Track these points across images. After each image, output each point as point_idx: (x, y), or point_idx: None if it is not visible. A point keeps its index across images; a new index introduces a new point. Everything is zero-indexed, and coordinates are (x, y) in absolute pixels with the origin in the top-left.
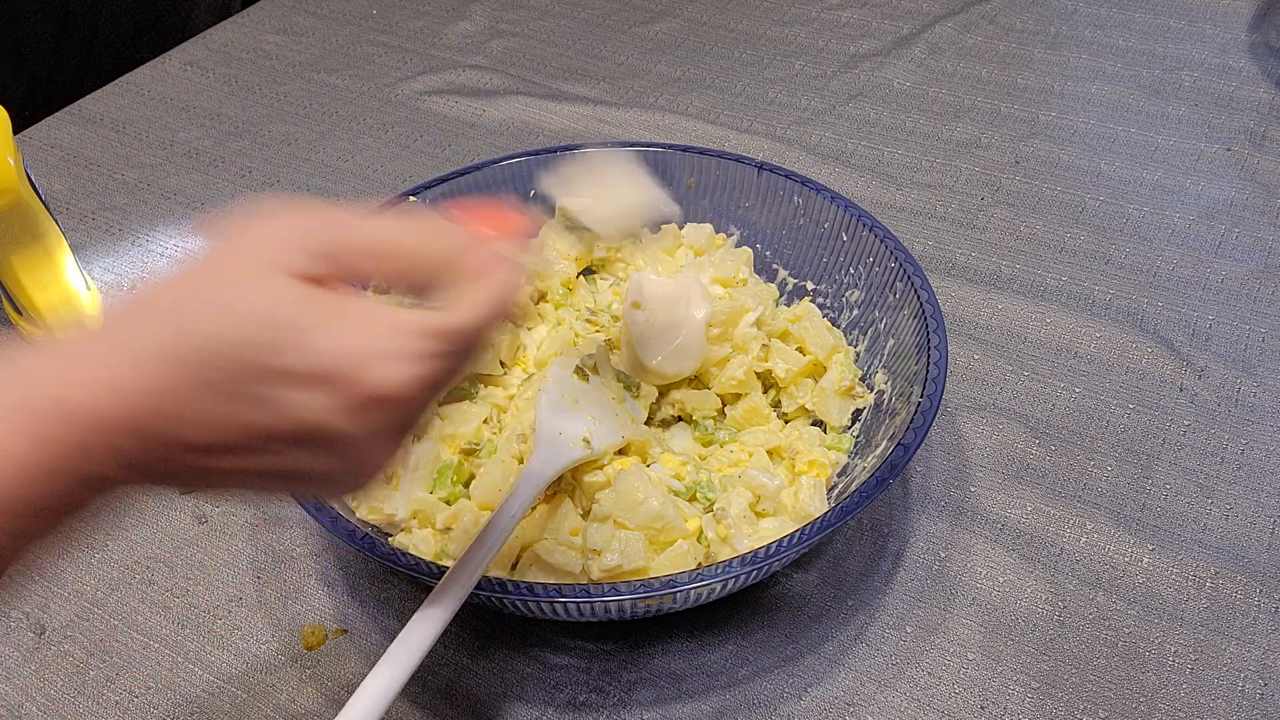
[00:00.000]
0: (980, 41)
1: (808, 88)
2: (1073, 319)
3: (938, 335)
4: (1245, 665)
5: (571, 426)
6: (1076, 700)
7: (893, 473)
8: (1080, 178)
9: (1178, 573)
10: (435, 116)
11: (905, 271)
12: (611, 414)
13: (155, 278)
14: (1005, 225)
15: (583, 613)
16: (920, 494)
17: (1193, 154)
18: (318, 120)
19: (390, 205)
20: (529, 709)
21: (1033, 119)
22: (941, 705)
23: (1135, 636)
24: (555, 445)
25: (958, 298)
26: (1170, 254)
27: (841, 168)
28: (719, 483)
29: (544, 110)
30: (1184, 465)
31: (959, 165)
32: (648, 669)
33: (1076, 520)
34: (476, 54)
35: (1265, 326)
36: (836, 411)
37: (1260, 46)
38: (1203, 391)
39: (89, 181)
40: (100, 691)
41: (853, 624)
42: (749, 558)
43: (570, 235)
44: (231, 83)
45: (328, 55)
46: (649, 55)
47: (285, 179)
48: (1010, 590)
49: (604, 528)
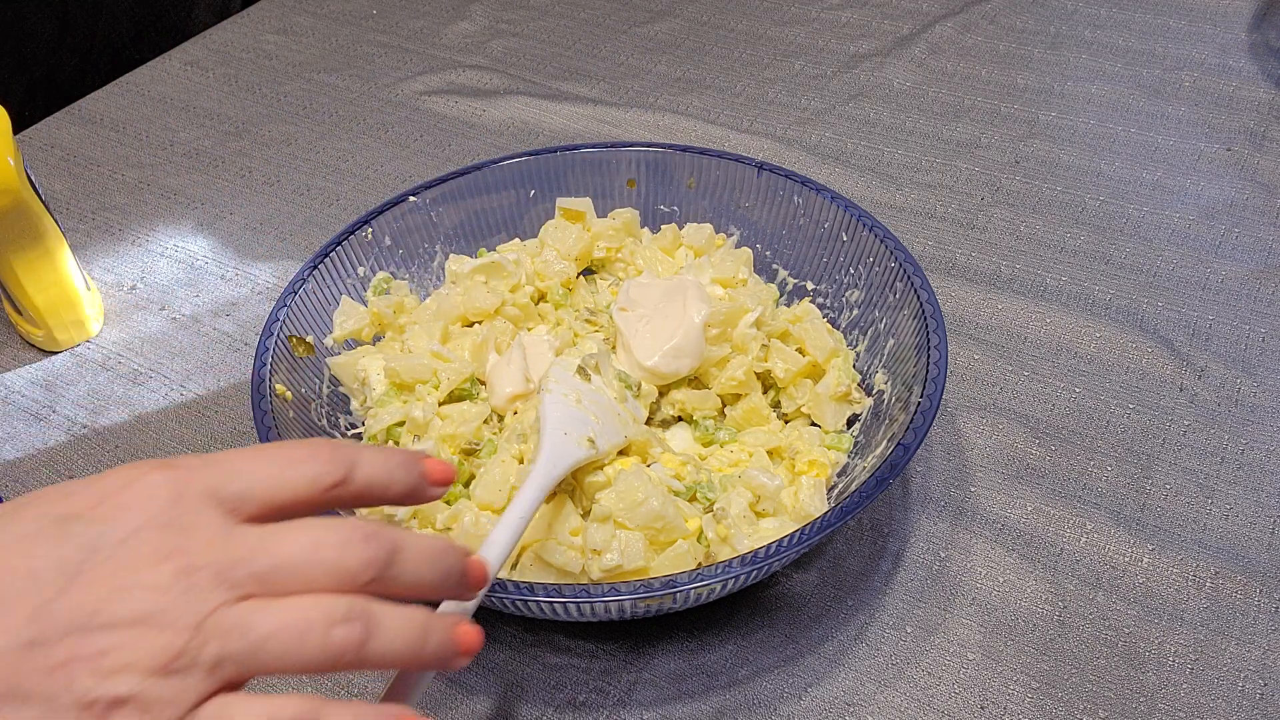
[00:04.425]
0: (980, 41)
1: (808, 88)
2: (1073, 319)
3: (938, 335)
4: (1245, 665)
5: (576, 426)
6: (1076, 700)
7: (893, 473)
8: (1080, 178)
9: (1178, 573)
10: (435, 116)
11: (905, 271)
12: (613, 414)
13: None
14: (1005, 225)
15: (583, 613)
16: (920, 494)
17: (1193, 154)
18: (318, 120)
19: (390, 205)
20: (529, 709)
21: (1033, 119)
22: (941, 705)
23: (1135, 636)
24: (561, 445)
25: (958, 298)
26: (1170, 254)
27: (841, 168)
28: (719, 483)
29: (544, 110)
30: (1184, 465)
31: (959, 165)
32: (648, 669)
33: (1076, 520)
34: (476, 54)
35: (1265, 326)
36: (831, 416)
37: (1260, 46)
38: (1203, 391)
39: (89, 181)
40: None
41: (853, 624)
42: (749, 558)
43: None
44: (231, 83)
45: (328, 55)
46: (649, 55)
47: (285, 179)
48: (1010, 590)
49: (604, 528)
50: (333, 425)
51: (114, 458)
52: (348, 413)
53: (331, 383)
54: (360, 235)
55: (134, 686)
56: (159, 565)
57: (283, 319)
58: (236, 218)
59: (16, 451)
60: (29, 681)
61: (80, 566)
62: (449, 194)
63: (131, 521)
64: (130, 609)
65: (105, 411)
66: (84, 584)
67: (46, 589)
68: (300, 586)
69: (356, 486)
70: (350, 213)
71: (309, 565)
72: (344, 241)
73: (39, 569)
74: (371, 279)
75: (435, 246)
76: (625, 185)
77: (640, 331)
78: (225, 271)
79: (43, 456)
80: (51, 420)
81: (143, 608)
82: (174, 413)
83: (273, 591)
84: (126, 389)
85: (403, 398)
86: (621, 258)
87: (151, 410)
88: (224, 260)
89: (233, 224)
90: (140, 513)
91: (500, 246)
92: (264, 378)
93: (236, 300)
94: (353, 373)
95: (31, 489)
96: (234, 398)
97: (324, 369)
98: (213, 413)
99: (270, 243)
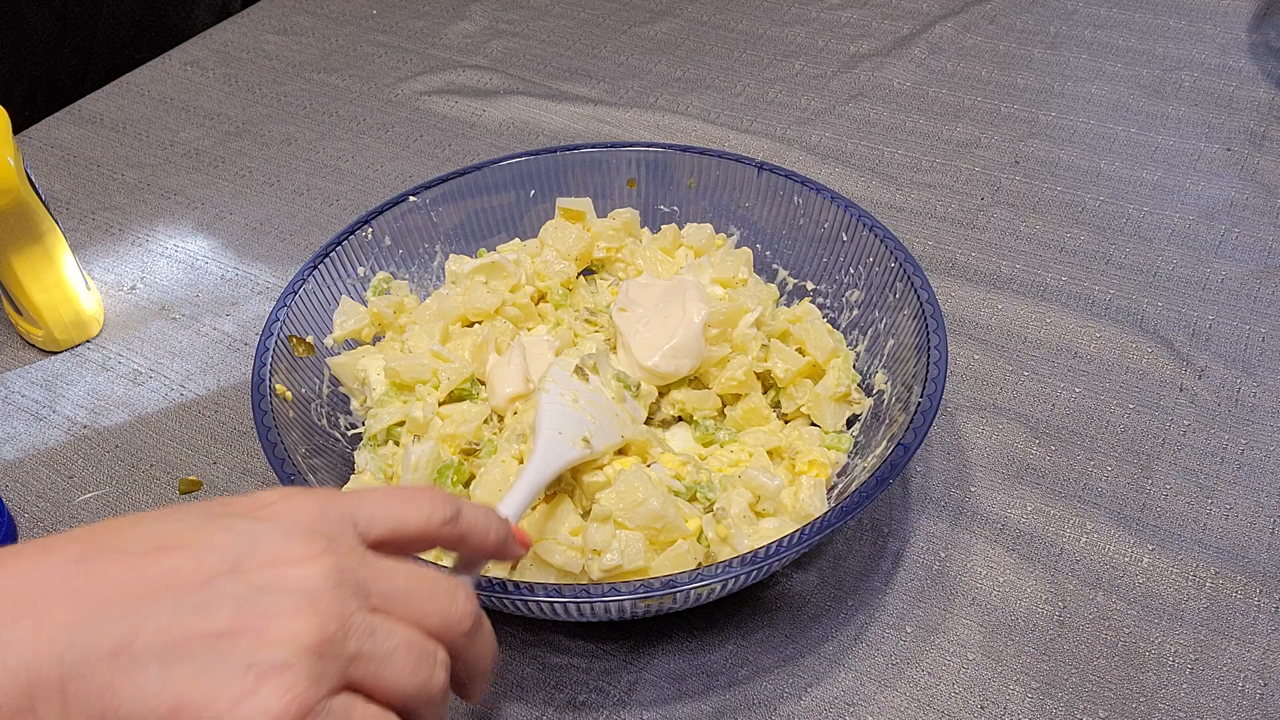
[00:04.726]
0: (980, 41)
1: (808, 88)
2: (1073, 319)
3: (938, 335)
4: (1245, 665)
5: (571, 426)
6: (1076, 700)
7: (893, 473)
8: (1080, 178)
9: (1178, 573)
10: (435, 116)
11: (905, 271)
12: (611, 414)
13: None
14: (1005, 225)
15: (583, 613)
16: (920, 494)
17: (1193, 154)
18: (318, 120)
19: (390, 205)
20: (529, 709)
21: (1033, 119)
22: (941, 705)
23: (1135, 636)
24: (555, 444)
25: (958, 298)
26: (1170, 254)
27: (841, 168)
28: (719, 483)
29: (544, 110)
30: (1184, 465)
31: (959, 165)
32: (648, 669)
33: (1076, 520)
34: (476, 54)
35: (1265, 326)
36: (830, 417)
37: (1260, 46)
38: (1203, 391)
39: (89, 181)
40: None
41: (853, 624)
42: (749, 558)
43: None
44: (231, 83)
45: (328, 55)
46: (649, 55)
47: (285, 179)
48: (1010, 590)
49: (604, 528)
50: (333, 425)
51: (114, 458)
52: (348, 413)
53: (331, 383)
54: (360, 235)
55: (290, 658)
56: (314, 560)
57: (283, 319)
58: (236, 218)
59: (16, 451)
60: (197, 643)
61: (244, 551)
62: (449, 194)
63: (288, 521)
64: (291, 591)
65: (105, 411)
66: (249, 566)
67: (215, 565)
68: (412, 618)
69: (462, 528)
70: (350, 213)
71: (423, 600)
72: (344, 241)
73: (209, 548)
74: (371, 279)
75: (435, 246)
76: (625, 185)
77: (639, 332)
78: (225, 271)
79: (43, 456)
80: (51, 420)
81: (302, 591)
82: (174, 413)
83: (391, 614)
84: (126, 389)
85: (403, 398)
86: (621, 258)
87: (151, 410)
88: (224, 260)
89: (233, 224)
90: (294, 519)
91: (500, 246)
92: (264, 378)
93: (236, 300)
94: (353, 373)
95: (32, 489)
96: (234, 398)
97: (324, 369)
98: (213, 413)
99: (270, 243)
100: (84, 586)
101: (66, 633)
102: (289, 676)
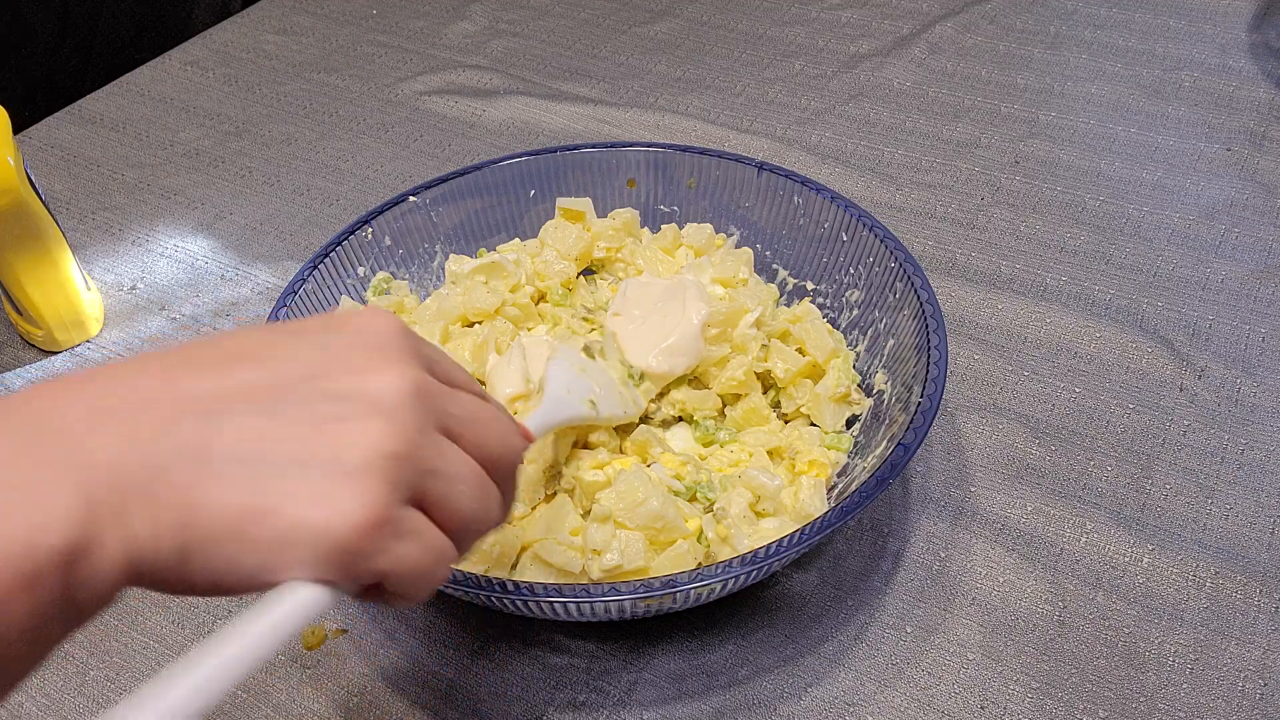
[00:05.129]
0: (980, 41)
1: (808, 88)
2: (1073, 319)
3: (938, 335)
4: (1245, 665)
5: (579, 387)
6: (1076, 700)
7: (893, 473)
8: (1080, 178)
9: (1178, 573)
10: (435, 116)
11: (905, 271)
12: (616, 390)
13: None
14: (1005, 225)
15: (583, 613)
16: (920, 494)
17: (1193, 154)
18: (318, 120)
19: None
20: (529, 709)
21: (1033, 119)
22: (941, 705)
23: (1135, 636)
24: (563, 399)
25: (958, 298)
26: (1170, 254)
27: (841, 168)
28: (719, 483)
29: (544, 110)
30: (1184, 465)
31: (959, 165)
32: (648, 669)
33: (1076, 520)
34: (476, 54)
35: (1265, 326)
36: (830, 417)
37: (1260, 46)
38: (1203, 391)
39: (89, 181)
40: (100, 691)
41: (853, 624)
42: (749, 558)
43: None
44: (231, 83)
45: (328, 55)
46: (649, 55)
47: (285, 179)
48: (1010, 590)
49: (604, 528)
50: None
51: None
52: None
53: None
54: (360, 235)
55: (370, 462)
56: (393, 372)
57: (282, 319)
58: (236, 218)
59: None
60: (277, 446)
61: (324, 360)
62: (449, 194)
63: (366, 335)
64: (371, 400)
65: None
66: (328, 373)
67: (296, 373)
68: (477, 441)
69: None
70: (350, 213)
71: (486, 425)
72: (344, 241)
73: (289, 357)
74: (371, 279)
75: (435, 246)
76: (625, 185)
77: (634, 334)
78: (225, 271)
79: None
80: None
81: (382, 400)
82: None
83: (460, 437)
84: None
85: None
86: (621, 258)
87: None
88: (224, 260)
89: (233, 224)
90: (373, 333)
91: (500, 246)
92: None
93: (236, 300)
94: None
95: None
96: None
97: None
98: None
99: (270, 243)
100: (166, 394)
101: (152, 435)
102: (369, 480)
